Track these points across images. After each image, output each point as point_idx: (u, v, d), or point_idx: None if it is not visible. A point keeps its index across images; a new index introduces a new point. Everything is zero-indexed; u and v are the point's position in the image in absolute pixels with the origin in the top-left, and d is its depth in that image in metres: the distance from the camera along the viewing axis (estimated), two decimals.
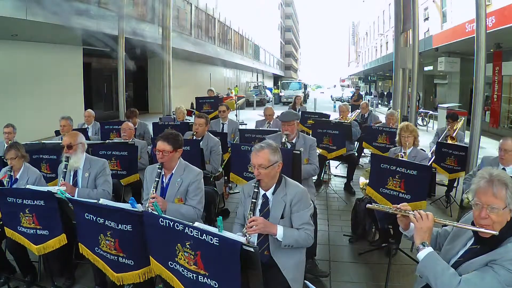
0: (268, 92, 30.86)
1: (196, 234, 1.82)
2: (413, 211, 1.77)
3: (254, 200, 2.25)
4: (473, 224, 1.66)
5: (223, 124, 5.86)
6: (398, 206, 1.84)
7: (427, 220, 1.69)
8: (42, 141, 4.60)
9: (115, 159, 4.17)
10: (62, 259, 2.99)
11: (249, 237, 2.15)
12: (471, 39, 8.37)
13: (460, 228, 1.85)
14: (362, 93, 28.27)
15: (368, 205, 1.87)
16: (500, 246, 1.56)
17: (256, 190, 2.27)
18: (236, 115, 11.22)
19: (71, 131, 4.13)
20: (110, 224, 2.16)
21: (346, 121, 6.39)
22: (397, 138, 4.16)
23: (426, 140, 8.54)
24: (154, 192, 2.60)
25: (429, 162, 4.71)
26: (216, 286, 1.82)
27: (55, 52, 11.76)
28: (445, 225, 1.81)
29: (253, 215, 2.22)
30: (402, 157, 3.87)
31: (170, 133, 2.77)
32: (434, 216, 1.72)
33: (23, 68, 10.44)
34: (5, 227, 2.72)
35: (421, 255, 1.65)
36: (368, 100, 15.25)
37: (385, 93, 29.96)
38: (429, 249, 1.64)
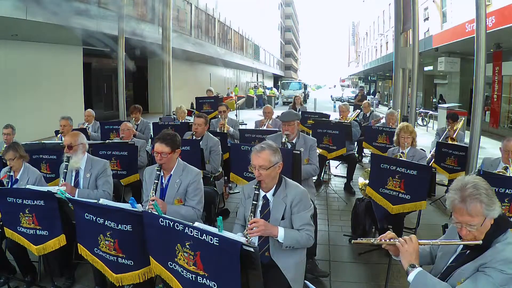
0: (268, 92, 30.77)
1: (196, 234, 1.82)
2: (397, 238, 1.74)
3: (255, 202, 2.24)
4: (459, 235, 1.65)
5: None
6: (383, 236, 1.80)
7: (411, 242, 1.68)
8: (42, 141, 4.60)
9: (115, 159, 4.17)
10: (62, 259, 2.98)
11: (250, 239, 2.15)
12: (471, 39, 8.38)
13: (450, 232, 1.84)
14: None
15: (354, 241, 1.84)
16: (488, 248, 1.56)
17: (257, 192, 2.26)
18: (236, 115, 11.21)
19: (72, 131, 4.11)
20: (110, 224, 2.15)
21: (346, 121, 6.40)
22: (395, 138, 4.16)
23: (425, 140, 8.55)
24: (154, 194, 2.59)
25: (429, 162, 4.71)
26: (216, 287, 1.81)
27: (55, 52, 11.74)
28: (436, 239, 1.79)
29: (253, 217, 2.21)
30: (401, 157, 3.86)
31: (168, 134, 2.71)
32: (418, 239, 1.70)
33: (23, 68, 10.42)
34: (5, 228, 2.72)
35: (410, 277, 1.62)
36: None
37: (371, 91, 34.20)
38: (417, 270, 1.62)
